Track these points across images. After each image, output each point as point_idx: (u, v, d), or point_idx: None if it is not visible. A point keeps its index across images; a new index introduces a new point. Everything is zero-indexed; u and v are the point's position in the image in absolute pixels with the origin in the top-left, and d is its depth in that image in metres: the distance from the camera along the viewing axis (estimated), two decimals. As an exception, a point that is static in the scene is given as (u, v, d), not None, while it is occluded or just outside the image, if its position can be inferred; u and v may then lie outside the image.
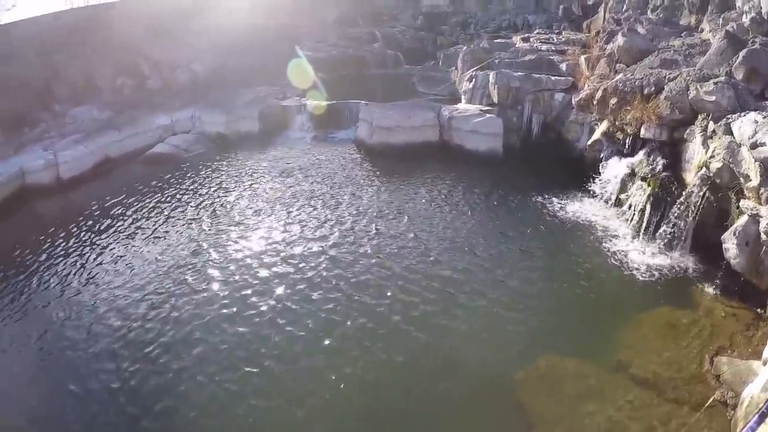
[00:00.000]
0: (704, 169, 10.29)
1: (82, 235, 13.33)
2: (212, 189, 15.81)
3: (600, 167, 13.65)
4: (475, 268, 11.27)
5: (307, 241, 12.47)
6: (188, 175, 16.90)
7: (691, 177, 10.94)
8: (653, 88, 12.02)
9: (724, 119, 9.85)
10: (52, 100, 18.50)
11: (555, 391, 8.08)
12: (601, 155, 13.82)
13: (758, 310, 9.11)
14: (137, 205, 14.87)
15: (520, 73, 16.79)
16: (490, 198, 14.46)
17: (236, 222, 13.63)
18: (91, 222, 13.92)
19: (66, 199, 15.52)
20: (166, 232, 13.33)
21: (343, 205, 14.31)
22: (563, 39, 19.69)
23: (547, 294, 10.41)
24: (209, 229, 13.32)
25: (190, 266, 11.70)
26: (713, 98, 10.35)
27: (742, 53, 11.25)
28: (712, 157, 9.99)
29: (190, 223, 13.70)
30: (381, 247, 12.12)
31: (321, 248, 12.11)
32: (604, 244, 11.86)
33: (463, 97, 18.96)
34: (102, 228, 13.63)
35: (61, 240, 13.06)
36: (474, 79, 18.16)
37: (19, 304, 10.71)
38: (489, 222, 13.29)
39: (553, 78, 16.27)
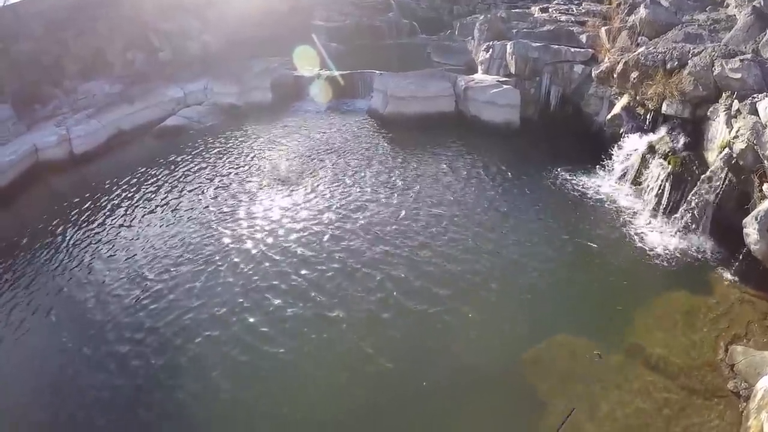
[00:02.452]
0: (727, 149, 9.91)
1: (97, 209, 13.48)
2: (225, 160, 15.83)
3: (619, 143, 13.22)
4: (485, 242, 11.19)
5: (319, 211, 12.53)
6: (201, 147, 16.92)
7: (713, 157, 10.55)
8: (676, 63, 11.50)
9: (750, 98, 9.42)
10: (63, 76, 18.41)
11: (566, 372, 8.04)
12: (621, 130, 13.37)
13: (776, 299, 8.88)
14: (150, 177, 14.97)
15: (538, 44, 16.19)
16: (505, 170, 14.21)
17: (249, 192, 13.70)
18: (105, 196, 14.06)
19: (80, 174, 15.63)
20: (180, 203, 13.45)
21: (356, 175, 14.25)
22: (583, 10, 18.88)
23: (560, 271, 10.29)
24: (223, 200, 13.42)
25: (205, 236, 11.89)
26: (739, 75, 9.88)
27: (770, 30, 10.73)
28: (736, 137, 9.59)
29: (203, 194, 13.80)
30: (393, 219, 12.12)
31: (332, 218, 12.19)
32: (620, 222, 11.64)
33: (479, 67, 18.44)
34: (116, 201, 13.78)
35: (76, 214, 13.24)
36: (491, 50, 17.59)
37: (38, 276, 10.99)
38: (503, 195, 13.09)
39: (572, 49, 15.66)
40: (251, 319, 9.32)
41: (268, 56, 22.04)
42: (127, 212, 13.21)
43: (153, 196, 13.94)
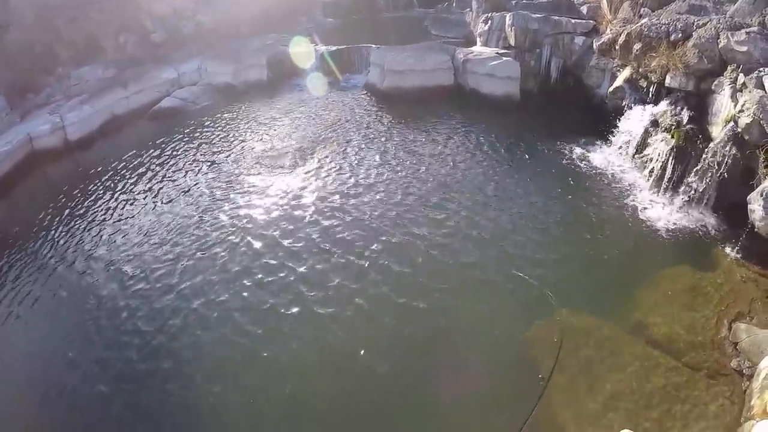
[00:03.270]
0: (732, 123, 9.72)
1: (93, 195, 13.49)
2: (221, 140, 15.76)
3: (621, 116, 13.02)
4: (484, 216, 11.17)
5: (317, 188, 12.55)
6: (196, 128, 16.82)
7: (717, 131, 10.36)
8: (680, 35, 11.19)
9: (756, 72, 9.18)
10: (55, 63, 18.14)
11: (570, 348, 8.03)
12: (623, 103, 13.16)
13: (780, 277, 8.82)
14: (146, 161, 14.94)
15: (538, 15, 15.78)
16: (505, 144, 14.08)
17: (246, 171, 13.68)
18: (101, 182, 14.06)
19: (75, 161, 15.62)
20: (177, 185, 13.44)
21: (355, 152, 14.18)
22: (583, -20, 18.33)
23: (562, 247, 10.24)
24: (219, 181, 13.41)
25: (203, 217, 11.95)
26: (745, 48, 9.62)
27: (777, 3, 10.38)
28: (741, 111, 9.38)
29: (201, 176, 13.77)
30: (390, 195, 12.14)
31: (326, 196, 12.21)
32: (623, 196, 11.54)
33: (478, 39, 18.05)
34: (112, 187, 13.78)
35: (72, 202, 13.25)
36: (490, 21, 17.19)
37: (38, 264, 11.10)
38: (502, 169, 12.99)
39: (573, 21, 15.25)
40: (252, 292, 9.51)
41: (263, 33, 21.65)
42: (123, 197, 13.21)
43: (148, 179, 13.93)
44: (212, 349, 8.63)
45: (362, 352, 8.28)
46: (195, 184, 13.37)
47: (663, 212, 10.86)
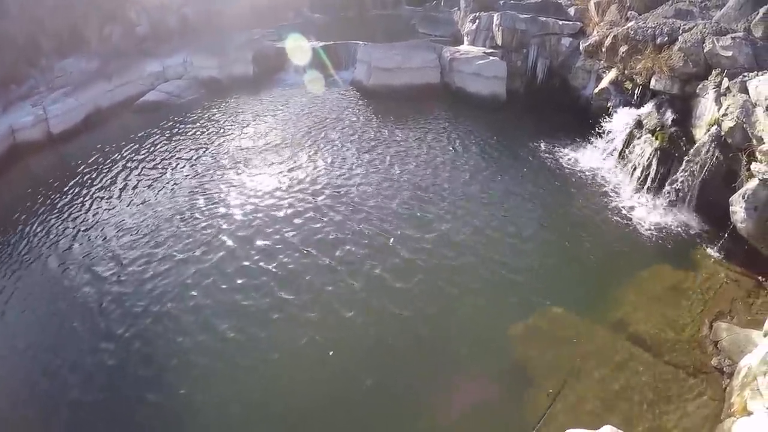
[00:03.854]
0: (715, 126, 9.92)
1: (74, 188, 13.30)
2: (205, 134, 15.67)
3: (606, 117, 13.18)
4: (468, 215, 11.22)
5: (296, 186, 12.48)
6: (180, 122, 16.69)
7: (700, 134, 10.55)
8: (666, 39, 11.38)
9: (740, 77, 9.36)
10: (39, 54, 17.74)
11: (553, 346, 8.14)
12: (608, 104, 13.35)
13: (760, 278, 9.02)
14: (130, 154, 14.78)
15: (525, 16, 15.93)
16: (491, 143, 14.18)
17: (229, 165, 13.63)
18: (83, 175, 13.88)
19: (58, 154, 15.35)
20: (158, 180, 13.32)
21: (338, 149, 14.17)
22: (571, -18, 18.54)
23: (546, 245, 10.37)
24: (201, 175, 13.33)
25: (185, 210, 11.87)
26: (730, 53, 9.81)
27: (762, 9, 10.60)
28: (724, 115, 9.58)
29: (182, 171, 13.66)
30: (372, 194, 12.11)
31: (305, 194, 12.14)
32: (606, 196, 11.70)
33: (465, 38, 18.15)
34: (94, 180, 13.61)
35: (53, 194, 13.05)
36: (477, 21, 17.27)
37: (20, 258, 10.91)
38: (487, 168, 13.06)
39: (560, 22, 15.41)
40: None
41: (249, 28, 21.47)
42: (104, 192, 13.06)
43: (130, 174, 13.79)
44: (184, 348, 8.50)
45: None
46: (176, 180, 13.25)
47: (646, 213, 11.03)
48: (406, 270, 9.76)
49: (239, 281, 9.66)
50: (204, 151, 14.58)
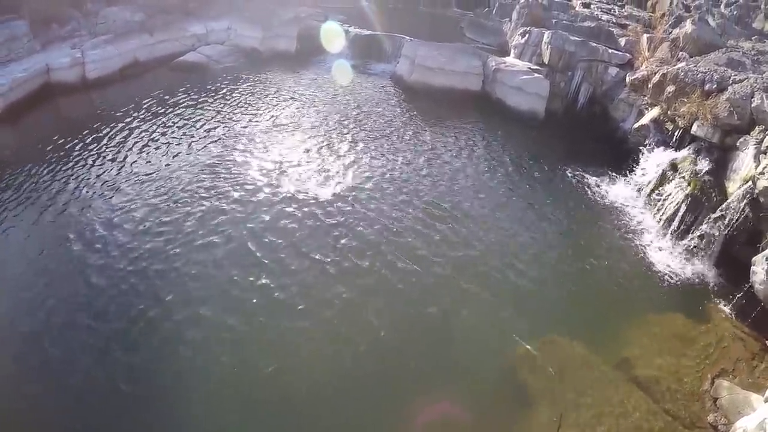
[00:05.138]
0: (750, 183, 9.79)
1: (100, 136, 13.41)
2: (237, 104, 15.72)
3: (642, 154, 13.08)
4: (488, 233, 11.15)
5: (318, 174, 12.45)
6: (216, 86, 16.79)
7: (734, 187, 10.43)
8: (715, 86, 11.25)
9: (785, 138, 9.24)
10: (86, -2, 17.85)
11: (555, 376, 8.11)
12: (646, 142, 13.22)
13: (767, 341, 8.94)
14: (159, 110, 14.92)
15: (576, 38, 15.77)
16: (522, 161, 14.10)
17: (254, 140, 13.67)
18: (111, 124, 13.99)
19: (90, 99, 15.52)
20: (182, 141, 13.44)
21: (368, 142, 14.14)
22: (625, 13, 18.43)
23: (562, 274, 10.32)
24: (225, 143, 13.43)
25: (201, 181, 11.89)
26: (778, 113, 9.66)
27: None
28: (762, 173, 9.47)
29: (209, 136, 13.75)
30: (401, 191, 12.15)
31: (335, 183, 12.14)
32: (630, 234, 11.61)
33: (512, 51, 18.01)
34: (122, 131, 13.71)
35: (78, 140, 13.14)
36: (527, 35, 17.13)
37: (40, 198, 11.01)
38: (514, 186, 13.01)
39: (610, 50, 15.24)
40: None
41: (298, 5, 21.44)
42: (129, 143, 13.20)
43: (157, 129, 13.93)
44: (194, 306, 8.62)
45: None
46: (200, 144, 13.36)
47: (666, 256, 10.95)
48: (413, 283, 9.72)
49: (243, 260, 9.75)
50: (234, 120, 14.64)
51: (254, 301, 8.88)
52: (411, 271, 9.86)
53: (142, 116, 14.45)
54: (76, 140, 13.07)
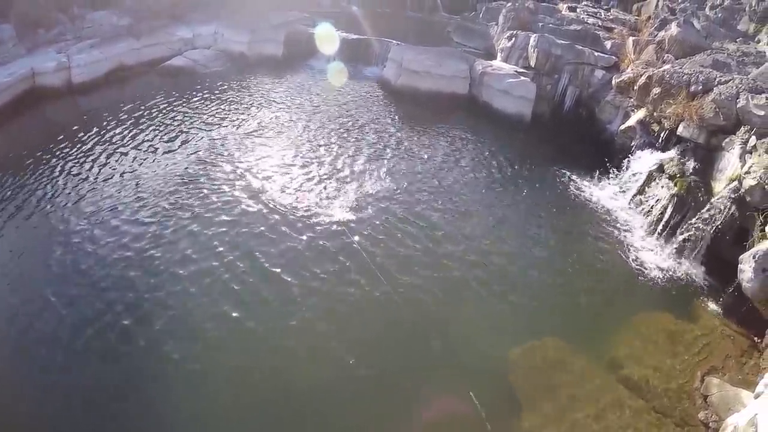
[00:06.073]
0: (736, 182, 9.93)
1: (84, 141, 13.21)
2: (223, 109, 15.62)
3: (628, 155, 13.22)
4: (476, 237, 11.11)
5: (300, 180, 12.28)
6: (202, 91, 16.67)
7: (719, 187, 10.57)
8: (700, 87, 11.41)
9: (770, 138, 9.38)
10: (71, 2, 17.67)
11: (546, 377, 8.13)
12: (632, 143, 13.35)
13: (756, 338, 9.01)
14: (147, 114, 14.78)
15: (562, 42, 15.93)
16: (508, 164, 14.14)
17: (239, 144, 13.57)
18: (96, 129, 13.80)
19: (75, 104, 15.35)
20: (167, 146, 13.30)
21: (354, 142, 14.16)
22: (611, 16, 18.69)
23: (550, 275, 10.34)
24: (212, 146, 13.33)
25: (191, 178, 11.89)
26: (763, 113, 9.83)
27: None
28: (747, 173, 9.59)
29: (194, 141, 13.62)
30: (387, 195, 12.04)
31: (306, 189, 11.94)
32: (617, 234, 11.67)
33: (499, 54, 18.13)
34: (106, 136, 13.53)
35: (63, 145, 12.94)
36: (514, 39, 17.26)
37: (25, 205, 10.79)
38: (501, 190, 13.02)
39: (596, 53, 15.40)
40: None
41: (285, 9, 21.43)
42: (114, 147, 13.02)
43: (143, 134, 13.79)
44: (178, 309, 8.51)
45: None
46: (185, 149, 13.21)
47: (654, 256, 11.02)
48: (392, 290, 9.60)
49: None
50: (219, 125, 14.54)
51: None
52: (388, 275, 9.77)
53: (128, 121, 14.29)
54: (61, 145, 12.88)
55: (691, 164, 11.35)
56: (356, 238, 10.47)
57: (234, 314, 8.60)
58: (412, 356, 8.38)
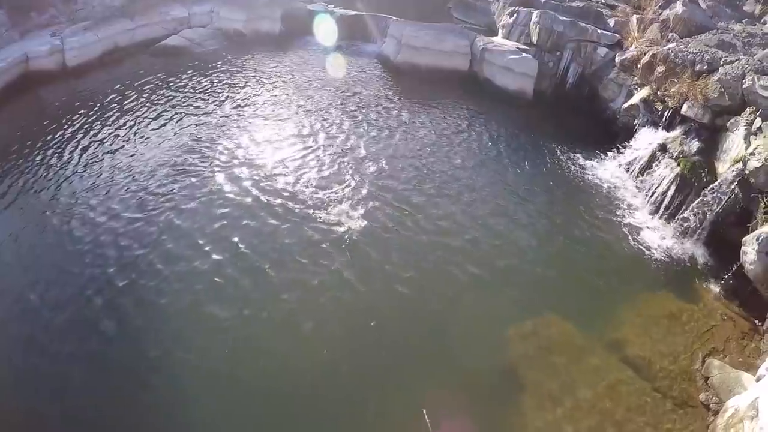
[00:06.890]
0: (740, 164, 9.85)
1: (79, 124, 13.14)
2: (221, 86, 15.53)
3: (631, 134, 13.12)
4: (477, 214, 11.10)
5: (300, 159, 12.23)
6: (198, 70, 16.53)
7: (723, 168, 10.49)
8: (705, 67, 11.22)
9: (776, 119, 9.28)
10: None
11: (547, 356, 8.19)
12: (635, 122, 13.23)
13: (757, 321, 9.08)
14: (142, 96, 14.68)
15: (565, 18, 15.63)
16: (510, 139, 14.08)
17: (234, 126, 13.47)
18: (94, 111, 13.74)
19: (70, 87, 15.16)
20: (162, 127, 13.25)
21: (354, 120, 14.09)
22: (615, -7, 18.17)
23: (553, 253, 10.36)
24: (208, 127, 13.28)
25: (189, 158, 11.92)
26: (768, 94, 9.69)
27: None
28: (752, 154, 9.52)
29: (189, 121, 13.56)
30: (384, 174, 12.03)
31: (306, 170, 11.88)
32: (619, 213, 11.66)
33: (500, 31, 17.85)
34: (101, 118, 13.47)
35: (58, 128, 12.89)
36: (515, 15, 16.96)
37: (21, 190, 10.79)
38: (503, 167, 12.96)
39: (599, 31, 15.11)
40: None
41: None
42: (111, 130, 12.97)
43: (140, 115, 13.71)
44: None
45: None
46: (180, 129, 13.16)
47: (656, 236, 11.03)
48: (407, 258, 9.73)
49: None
50: (215, 104, 14.44)
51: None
52: (384, 254, 9.80)
53: (122, 102, 14.19)
54: (57, 128, 12.82)
55: (694, 144, 11.23)
56: (353, 222, 10.45)
57: (219, 310, 8.49)
58: (411, 340, 8.35)
